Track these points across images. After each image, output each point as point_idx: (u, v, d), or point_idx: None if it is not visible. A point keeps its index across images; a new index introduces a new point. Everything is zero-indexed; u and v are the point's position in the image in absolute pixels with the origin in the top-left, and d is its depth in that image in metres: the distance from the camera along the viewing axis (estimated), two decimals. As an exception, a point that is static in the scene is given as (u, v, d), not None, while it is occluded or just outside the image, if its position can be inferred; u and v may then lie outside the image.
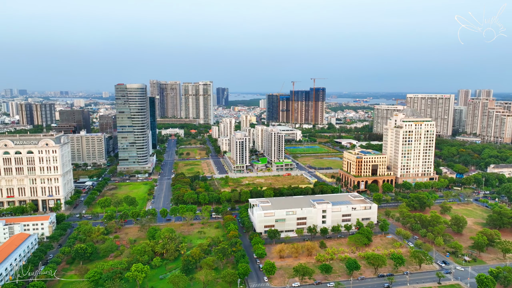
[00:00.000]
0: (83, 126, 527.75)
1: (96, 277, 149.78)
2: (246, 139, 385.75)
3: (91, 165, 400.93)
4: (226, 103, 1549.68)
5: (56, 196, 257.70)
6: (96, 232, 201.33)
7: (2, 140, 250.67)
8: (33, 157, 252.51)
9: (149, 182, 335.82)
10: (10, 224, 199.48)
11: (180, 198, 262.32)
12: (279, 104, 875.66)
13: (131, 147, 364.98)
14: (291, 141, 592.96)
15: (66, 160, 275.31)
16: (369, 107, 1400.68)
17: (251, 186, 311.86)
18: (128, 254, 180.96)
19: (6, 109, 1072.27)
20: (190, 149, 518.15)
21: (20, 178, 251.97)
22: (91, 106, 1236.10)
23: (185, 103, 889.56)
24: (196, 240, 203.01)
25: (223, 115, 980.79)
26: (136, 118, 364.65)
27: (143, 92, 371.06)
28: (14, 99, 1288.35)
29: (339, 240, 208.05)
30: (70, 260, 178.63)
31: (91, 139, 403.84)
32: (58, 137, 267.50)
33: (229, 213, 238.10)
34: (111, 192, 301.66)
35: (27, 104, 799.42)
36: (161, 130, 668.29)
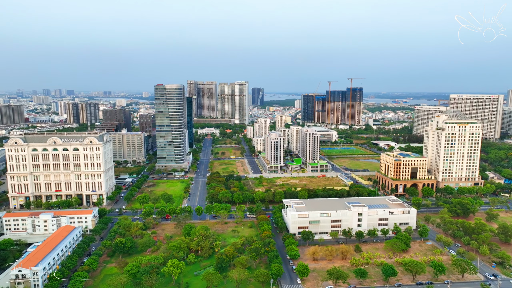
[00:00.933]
0: (124, 125, 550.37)
1: (134, 271, 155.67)
2: (280, 140, 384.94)
3: (131, 162, 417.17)
4: (261, 103, 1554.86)
5: (98, 191, 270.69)
6: (135, 227, 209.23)
7: (51, 137, 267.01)
8: (79, 154, 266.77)
9: (186, 180, 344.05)
10: (58, 216, 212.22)
11: (215, 197, 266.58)
12: (314, 105, 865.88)
13: (168, 146, 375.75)
14: (327, 142, 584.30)
15: (108, 157, 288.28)
16: (409, 108, 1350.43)
17: (285, 187, 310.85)
18: (164, 249, 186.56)
19: (55, 108, 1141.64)
20: (225, 149, 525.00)
21: (66, 173, 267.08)
22: (132, 106, 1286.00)
23: (221, 103, 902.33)
24: (230, 239, 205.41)
25: (258, 115, 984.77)
26: (174, 117, 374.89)
27: (180, 92, 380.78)
28: (62, 99, 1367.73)
29: (375, 244, 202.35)
30: (111, 253, 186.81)
31: (132, 137, 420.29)
32: (101, 135, 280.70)
33: (262, 213, 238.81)
34: (150, 189, 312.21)
35: (74, 103, 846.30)
36: (197, 129, 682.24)
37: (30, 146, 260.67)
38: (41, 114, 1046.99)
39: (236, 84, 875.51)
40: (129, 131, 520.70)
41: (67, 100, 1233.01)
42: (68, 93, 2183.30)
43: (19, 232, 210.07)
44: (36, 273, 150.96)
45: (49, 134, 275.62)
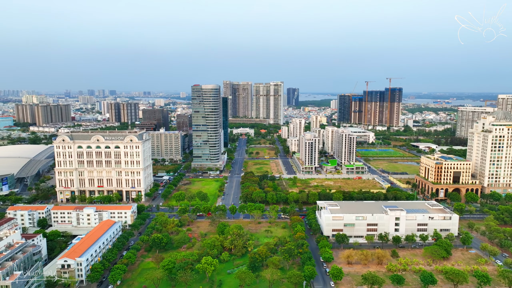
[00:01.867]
0: (162, 124, 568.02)
1: (170, 266, 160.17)
2: (315, 140, 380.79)
3: (168, 160, 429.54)
4: (296, 104, 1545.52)
5: (137, 188, 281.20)
6: (171, 224, 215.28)
7: (95, 135, 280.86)
8: (120, 151, 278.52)
9: (220, 179, 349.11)
10: (100, 211, 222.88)
11: (248, 196, 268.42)
12: (351, 105, 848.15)
13: (204, 145, 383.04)
14: (363, 143, 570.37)
15: (147, 156, 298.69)
16: (452, 108, 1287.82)
17: (319, 188, 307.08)
18: (199, 246, 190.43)
19: (99, 108, 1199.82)
20: (260, 149, 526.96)
21: (108, 170, 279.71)
22: (169, 106, 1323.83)
23: (256, 103, 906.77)
24: (263, 239, 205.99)
25: (293, 116, 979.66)
26: (210, 117, 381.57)
27: (216, 92, 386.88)
28: (105, 99, 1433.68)
29: (413, 250, 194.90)
30: (148, 248, 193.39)
31: (169, 136, 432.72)
32: (141, 134, 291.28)
33: (296, 214, 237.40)
34: (185, 187, 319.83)
35: (116, 103, 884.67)
36: (232, 129, 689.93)
37: (75, 143, 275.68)
38: (86, 113, 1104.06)
39: (271, 84, 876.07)
40: (166, 130, 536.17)
41: (110, 100, 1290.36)
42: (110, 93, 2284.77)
43: (65, 224, 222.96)
44: (80, 263, 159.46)
45: (93, 133, 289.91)
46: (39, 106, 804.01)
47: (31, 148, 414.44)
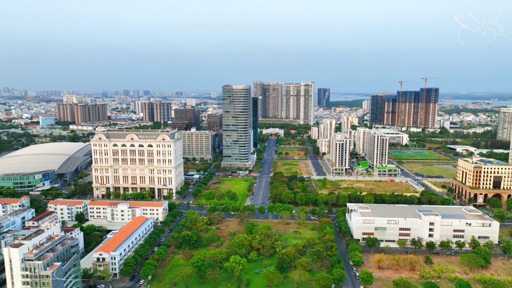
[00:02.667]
0: (194, 124, 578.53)
1: (199, 264, 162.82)
2: (346, 141, 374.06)
3: (199, 159, 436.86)
4: (327, 104, 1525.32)
5: (169, 186, 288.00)
6: (200, 222, 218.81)
7: (129, 134, 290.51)
8: (152, 150, 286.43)
9: (249, 179, 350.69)
10: (133, 207, 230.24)
11: (277, 197, 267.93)
12: (384, 106, 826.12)
13: (234, 145, 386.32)
14: (396, 145, 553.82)
15: (178, 154, 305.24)
16: (492, 110, 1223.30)
17: (349, 190, 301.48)
18: (227, 245, 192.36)
19: (133, 107, 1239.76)
20: (289, 149, 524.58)
21: (141, 168, 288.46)
22: (201, 106, 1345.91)
23: (286, 103, 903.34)
24: (291, 240, 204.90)
25: (323, 116, 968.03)
26: (240, 117, 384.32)
27: (247, 92, 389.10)
28: (139, 99, 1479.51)
29: (448, 257, 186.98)
30: (178, 245, 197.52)
31: (200, 136, 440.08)
32: (173, 133, 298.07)
33: (325, 215, 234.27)
34: (215, 186, 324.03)
35: (149, 103, 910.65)
36: (262, 129, 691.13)
37: (111, 142, 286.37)
38: (121, 112, 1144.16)
39: (302, 84, 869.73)
40: (197, 129, 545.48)
41: (144, 100, 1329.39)
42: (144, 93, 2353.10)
43: (100, 219, 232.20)
44: (113, 257, 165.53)
45: (127, 131, 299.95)
46: (78, 106, 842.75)
47: (70, 146, 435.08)
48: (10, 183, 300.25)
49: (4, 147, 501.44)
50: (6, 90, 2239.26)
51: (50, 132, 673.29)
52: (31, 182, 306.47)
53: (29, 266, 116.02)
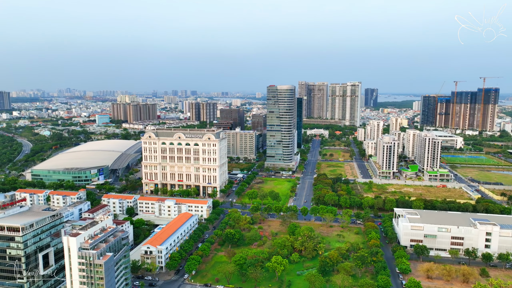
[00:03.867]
0: (238, 124, 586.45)
1: (241, 262, 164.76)
2: (394, 144, 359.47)
3: (243, 159, 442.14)
4: (374, 105, 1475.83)
5: (213, 184, 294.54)
6: (243, 221, 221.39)
7: (177, 133, 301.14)
8: (198, 149, 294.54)
9: (292, 180, 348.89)
10: (179, 204, 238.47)
11: (320, 199, 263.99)
12: (436, 107, 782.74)
13: (277, 145, 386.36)
14: (449, 148, 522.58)
15: (223, 153, 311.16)
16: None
17: (397, 195, 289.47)
18: (269, 245, 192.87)
19: (181, 107, 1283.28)
20: (334, 151, 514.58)
21: (187, 166, 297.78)
22: (245, 106, 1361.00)
23: (332, 104, 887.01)
24: (335, 243, 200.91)
25: (370, 117, 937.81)
26: (284, 117, 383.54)
27: (291, 93, 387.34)
28: (187, 99, 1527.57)
29: (507, 271, 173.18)
30: (221, 242, 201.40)
31: (244, 135, 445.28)
32: (218, 133, 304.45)
33: (371, 220, 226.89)
34: (258, 185, 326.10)
35: (196, 103, 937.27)
36: (306, 130, 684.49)
37: (160, 140, 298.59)
38: (170, 112, 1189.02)
39: (348, 84, 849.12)
40: (242, 129, 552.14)
41: (191, 100, 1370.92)
42: (192, 93, 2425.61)
43: (148, 214, 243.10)
44: (160, 251, 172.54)
45: (175, 130, 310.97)
46: (131, 105, 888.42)
47: (122, 143, 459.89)
48: (70, 177, 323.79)
49: (65, 143, 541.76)
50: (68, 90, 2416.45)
51: (105, 130, 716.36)
52: (88, 177, 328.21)
53: (85, 255, 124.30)
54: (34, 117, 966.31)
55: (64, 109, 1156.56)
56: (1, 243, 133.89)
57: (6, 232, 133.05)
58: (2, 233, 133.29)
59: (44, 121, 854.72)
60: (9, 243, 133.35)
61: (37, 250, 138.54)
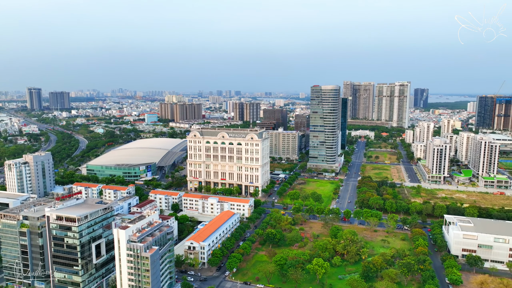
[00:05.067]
0: (281, 124, 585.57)
1: (282, 262, 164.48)
2: (446, 147, 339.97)
3: (285, 159, 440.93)
4: (424, 106, 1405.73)
5: (255, 183, 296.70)
6: (284, 221, 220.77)
7: (220, 132, 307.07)
8: (241, 148, 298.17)
9: (335, 182, 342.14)
10: (221, 202, 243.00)
11: (365, 202, 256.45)
12: (494, 108, 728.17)
13: (321, 146, 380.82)
14: (509, 153, 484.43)
15: (265, 153, 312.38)
16: None
17: (448, 201, 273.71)
18: (310, 247, 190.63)
19: (225, 107, 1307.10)
20: (380, 153, 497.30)
21: (230, 165, 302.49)
22: (289, 106, 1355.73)
23: (378, 104, 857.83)
24: (379, 248, 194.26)
25: (419, 119, 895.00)
26: (328, 118, 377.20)
27: (336, 93, 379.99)
28: (231, 99, 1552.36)
29: None
30: (262, 242, 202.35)
31: (287, 136, 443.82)
32: (261, 133, 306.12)
33: (418, 226, 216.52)
34: (300, 186, 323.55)
35: (240, 103, 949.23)
36: (350, 131, 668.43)
37: (204, 139, 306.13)
38: (214, 111, 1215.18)
39: (396, 84, 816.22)
40: (285, 129, 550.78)
41: (235, 100, 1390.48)
42: (236, 93, 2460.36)
43: (192, 210, 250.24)
44: (203, 247, 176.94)
45: (219, 130, 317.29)
46: (177, 105, 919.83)
47: (169, 141, 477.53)
48: (120, 172, 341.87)
49: (117, 140, 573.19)
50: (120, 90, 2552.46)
51: (153, 129, 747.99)
52: (137, 173, 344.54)
53: (133, 247, 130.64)
54: (89, 115, 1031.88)
55: (116, 108, 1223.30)
56: (60, 232, 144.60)
57: (64, 222, 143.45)
58: (61, 222, 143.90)
59: (99, 120, 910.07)
60: (66, 232, 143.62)
61: (90, 240, 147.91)
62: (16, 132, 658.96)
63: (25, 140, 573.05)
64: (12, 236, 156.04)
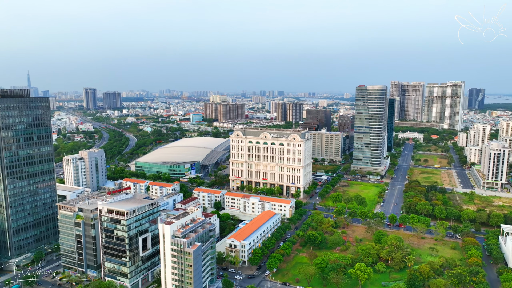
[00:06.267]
0: (324, 125, 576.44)
1: (323, 265, 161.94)
2: (504, 151, 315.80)
3: (328, 161, 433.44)
4: (480, 107, 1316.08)
5: (297, 184, 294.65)
6: (326, 224, 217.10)
7: (263, 132, 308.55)
8: (283, 148, 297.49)
9: (380, 185, 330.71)
10: (263, 201, 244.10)
11: (412, 207, 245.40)
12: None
13: (365, 148, 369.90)
14: None
15: (308, 154, 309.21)
16: None
17: (506, 209, 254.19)
18: (353, 251, 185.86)
19: (268, 107, 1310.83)
20: (429, 156, 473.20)
21: (272, 165, 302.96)
22: (332, 106, 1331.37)
23: (428, 105, 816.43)
24: (426, 256, 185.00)
25: (474, 121, 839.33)
26: (374, 119, 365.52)
27: (382, 93, 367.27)
28: (274, 99, 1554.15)
29: None
30: (303, 243, 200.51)
31: (330, 137, 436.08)
32: (303, 133, 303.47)
33: (471, 235, 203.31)
34: (343, 188, 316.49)
35: (283, 103, 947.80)
36: (398, 133, 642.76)
37: (247, 138, 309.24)
38: (257, 112, 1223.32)
39: (449, 84, 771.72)
40: (328, 130, 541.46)
41: (278, 100, 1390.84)
42: (279, 94, 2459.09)
43: (234, 209, 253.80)
44: (244, 246, 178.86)
45: (262, 130, 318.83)
46: (221, 105, 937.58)
47: (213, 141, 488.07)
48: (166, 170, 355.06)
49: (164, 138, 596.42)
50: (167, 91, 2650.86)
51: (198, 128, 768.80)
52: (181, 170, 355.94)
53: (177, 242, 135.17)
54: (139, 114, 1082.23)
55: (163, 108, 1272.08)
56: (110, 224, 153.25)
57: (114, 215, 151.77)
58: (111, 215, 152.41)
59: (147, 119, 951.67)
60: (116, 225, 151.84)
61: (137, 234, 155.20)
62: (73, 129, 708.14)
63: (81, 137, 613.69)
64: (69, 226, 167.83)
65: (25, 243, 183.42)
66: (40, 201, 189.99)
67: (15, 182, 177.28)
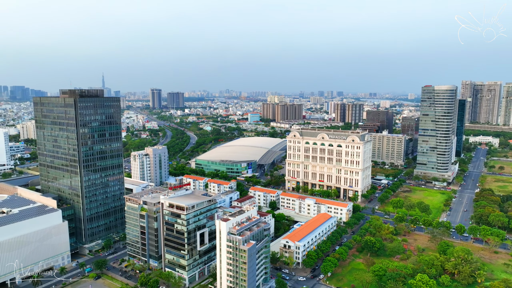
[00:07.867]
0: (386, 126, 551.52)
1: (381, 273, 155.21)
2: None
3: (389, 164, 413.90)
4: None
5: (354, 187, 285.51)
6: (385, 230, 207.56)
7: (320, 133, 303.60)
8: (341, 150, 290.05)
9: (447, 192, 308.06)
10: (318, 203, 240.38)
11: (483, 218, 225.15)
12: None
13: (431, 152, 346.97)
14: None
15: (367, 157, 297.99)
16: None
17: None
18: (414, 261, 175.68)
19: (326, 108, 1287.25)
20: (505, 163, 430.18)
21: (329, 167, 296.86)
22: (395, 108, 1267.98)
23: (506, 107, 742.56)
24: (500, 273, 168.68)
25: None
26: (441, 121, 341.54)
27: (452, 94, 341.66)
28: (332, 100, 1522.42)
29: None
30: (360, 249, 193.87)
31: (392, 139, 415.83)
32: (363, 135, 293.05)
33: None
34: (405, 194, 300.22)
35: (342, 104, 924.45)
36: (468, 136, 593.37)
37: (304, 139, 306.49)
38: (315, 112, 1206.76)
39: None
40: (390, 133, 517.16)
41: (337, 100, 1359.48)
42: (338, 94, 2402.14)
43: (289, 209, 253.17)
44: (298, 247, 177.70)
45: (319, 131, 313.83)
46: (279, 105, 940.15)
47: (269, 141, 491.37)
48: (224, 168, 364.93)
49: (222, 137, 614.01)
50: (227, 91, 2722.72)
51: (255, 128, 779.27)
52: (238, 169, 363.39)
53: (232, 239, 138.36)
54: (200, 114, 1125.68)
55: (223, 108, 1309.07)
56: (171, 218, 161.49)
57: (175, 210, 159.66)
58: (172, 210, 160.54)
59: (207, 118, 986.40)
60: (176, 219, 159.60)
61: (196, 229, 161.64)
62: (140, 127, 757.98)
63: (147, 134, 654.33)
64: (134, 217, 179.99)
65: (97, 231, 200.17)
66: (110, 192, 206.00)
67: (90, 174, 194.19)
